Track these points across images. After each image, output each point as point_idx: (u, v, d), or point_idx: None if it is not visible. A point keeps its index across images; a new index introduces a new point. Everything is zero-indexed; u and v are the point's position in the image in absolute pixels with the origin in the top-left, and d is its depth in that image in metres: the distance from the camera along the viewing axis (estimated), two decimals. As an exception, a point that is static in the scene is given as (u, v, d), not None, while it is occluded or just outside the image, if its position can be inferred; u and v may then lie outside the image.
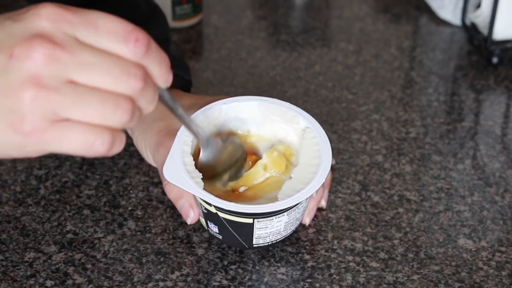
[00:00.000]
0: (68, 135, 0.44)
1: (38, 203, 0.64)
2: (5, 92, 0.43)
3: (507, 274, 0.59)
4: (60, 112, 0.44)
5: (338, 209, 0.65)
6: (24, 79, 0.43)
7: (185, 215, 0.60)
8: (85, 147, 0.45)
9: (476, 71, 0.85)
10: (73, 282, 0.57)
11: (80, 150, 0.45)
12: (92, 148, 0.45)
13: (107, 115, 0.44)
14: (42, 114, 0.43)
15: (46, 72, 0.43)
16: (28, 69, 0.43)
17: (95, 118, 0.44)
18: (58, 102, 0.43)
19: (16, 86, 0.43)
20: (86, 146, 0.44)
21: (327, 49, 0.89)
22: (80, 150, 0.45)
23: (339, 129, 0.75)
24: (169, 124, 0.62)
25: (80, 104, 0.44)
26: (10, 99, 0.43)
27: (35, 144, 0.44)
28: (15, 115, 0.43)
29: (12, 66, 0.43)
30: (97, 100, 0.44)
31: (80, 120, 0.44)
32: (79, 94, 0.44)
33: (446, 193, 0.67)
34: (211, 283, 0.58)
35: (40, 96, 0.43)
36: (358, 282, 0.58)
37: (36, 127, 0.43)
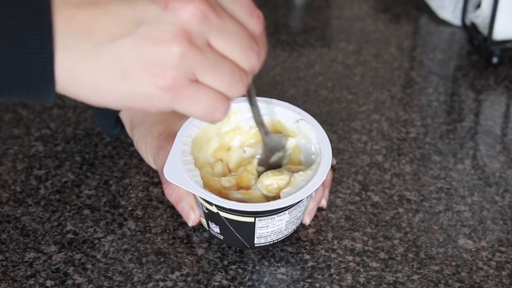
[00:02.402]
0: (200, 97, 0.44)
1: (38, 203, 0.64)
2: (152, 43, 0.43)
3: (507, 274, 0.59)
4: (198, 72, 0.44)
5: (338, 209, 0.65)
6: (176, 32, 0.43)
7: (186, 218, 0.60)
8: (209, 112, 0.45)
9: (476, 71, 0.85)
10: (73, 282, 0.57)
11: (204, 114, 0.45)
12: (214, 113, 0.45)
13: (232, 85, 0.45)
14: (185, 71, 0.43)
15: (197, 30, 0.43)
16: (182, 23, 0.43)
17: (223, 86, 0.45)
18: (200, 62, 0.43)
19: (167, 38, 0.42)
20: (210, 110, 0.45)
21: (327, 49, 0.89)
22: (204, 114, 0.45)
23: (339, 129, 0.75)
24: (168, 127, 0.62)
25: (215, 70, 0.44)
26: (157, 50, 0.43)
27: (166, 100, 0.44)
28: (159, 67, 0.43)
29: (165, 17, 0.43)
30: (228, 69, 0.45)
31: (209, 85, 0.45)
32: (216, 59, 0.44)
33: (446, 193, 0.67)
34: (211, 283, 0.58)
35: (189, 53, 0.43)
36: (358, 282, 0.58)
37: (176, 83, 0.43)
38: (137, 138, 0.65)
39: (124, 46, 0.43)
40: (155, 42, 0.43)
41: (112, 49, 0.43)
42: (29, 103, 0.76)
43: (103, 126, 0.70)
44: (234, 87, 0.45)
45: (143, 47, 0.43)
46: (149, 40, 0.43)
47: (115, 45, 0.43)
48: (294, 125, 0.61)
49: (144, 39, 0.43)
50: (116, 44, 0.43)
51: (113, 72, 0.43)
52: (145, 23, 0.43)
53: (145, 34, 0.43)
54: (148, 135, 0.63)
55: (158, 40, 0.43)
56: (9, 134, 0.72)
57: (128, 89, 0.44)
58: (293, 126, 0.62)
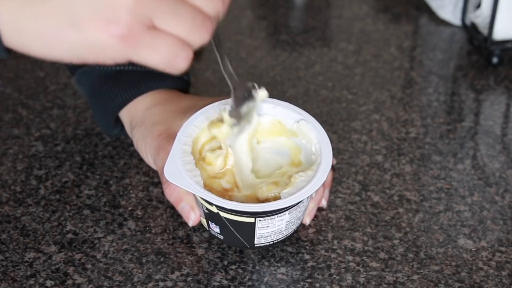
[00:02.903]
0: (158, 44, 0.42)
1: (38, 203, 0.64)
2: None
3: (507, 274, 0.59)
4: (156, 19, 0.41)
5: (338, 209, 0.65)
6: None
7: (186, 218, 0.60)
8: (169, 59, 0.43)
9: (476, 71, 0.85)
10: (73, 282, 0.57)
11: (164, 62, 0.43)
12: (174, 61, 0.43)
13: (194, 31, 0.43)
14: (140, 17, 0.40)
15: None
16: None
17: (183, 32, 0.42)
18: (157, 7, 0.41)
19: None
20: (171, 58, 0.43)
21: (327, 49, 0.89)
22: (164, 62, 0.43)
23: (339, 129, 0.75)
24: (168, 127, 0.62)
25: (174, 14, 0.42)
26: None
27: (121, 49, 0.41)
28: (112, 12, 0.40)
29: None
30: (189, 14, 0.42)
31: (169, 31, 0.42)
32: (175, 3, 0.42)
33: (446, 193, 0.67)
34: (211, 283, 0.58)
35: None
36: (358, 282, 0.58)
37: (132, 30, 0.40)
38: (137, 138, 0.64)
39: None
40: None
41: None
42: (29, 104, 0.76)
43: (102, 126, 0.70)
44: (196, 32, 0.43)
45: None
46: None
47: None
48: (294, 125, 0.61)
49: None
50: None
51: (61, 19, 0.40)
52: None
53: None
54: (148, 135, 0.63)
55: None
56: (9, 134, 0.72)
57: (79, 38, 0.41)
58: (294, 126, 0.61)
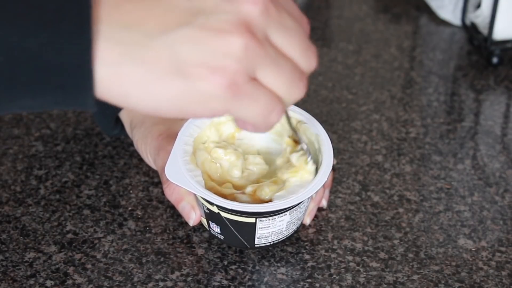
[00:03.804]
0: (259, 97, 0.40)
1: (38, 203, 0.64)
2: (212, 34, 0.38)
3: (507, 274, 0.59)
4: (258, 68, 0.39)
5: (338, 209, 0.65)
6: (238, 22, 0.38)
7: (187, 217, 0.60)
8: (266, 114, 0.41)
9: (476, 71, 0.85)
10: (73, 282, 0.57)
11: (261, 116, 0.41)
12: (270, 115, 0.41)
13: (292, 86, 0.41)
14: (247, 65, 0.39)
15: (258, 22, 0.39)
16: (243, 13, 0.39)
17: (282, 86, 0.41)
18: (262, 57, 0.39)
19: (228, 28, 0.38)
20: (268, 111, 0.41)
21: (327, 49, 0.89)
22: (261, 116, 0.41)
23: (339, 129, 0.75)
24: (168, 128, 0.62)
25: (276, 68, 0.40)
26: (219, 41, 0.38)
27: (225, 99, 0.39)
28: (219, 60, 0.38)
29: (225, 7, 0.39)
30: (289, 69, 0.41)
31: (269, 85, 0.40)
32: (277, 56, 0.40)
33: (446, 193, 0.67)
34: (211, 283, 0.58)
35: (251, 45, 0.38)
36: (358, 282, 0.58)
37: (237, 80, 0.38)
38: (137, 138, 0.64)
39: (179, 37, 0.38)
40: (215, 33, 0.38)
41: (166, 40, 0.38)
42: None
43: (102, 127, 0.70)
44: (294, 88, 0.41)
45: (201, 38, 0.38)
46: (208, 30, 0.38)
47: (169, 36, 0.38)
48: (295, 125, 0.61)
49: (202, 30, 0.38)
50: (170, 35, 0.38)
51: (166, 67, 0.38)
52: (203, 13, 0.38)
53: (204, 24, 0.38)
54: (148, 135, 0.63)
55: (219, 31, 0.38)
56: (9, 134, 0.72)
57: (184, 87, 0.39)
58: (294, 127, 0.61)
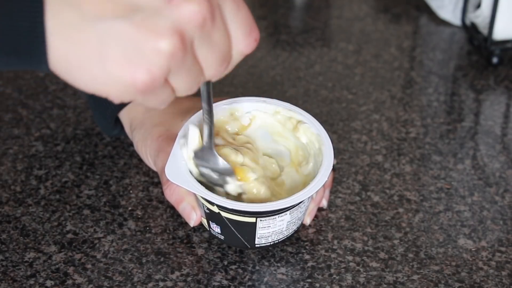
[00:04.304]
0: (161, 95, 0.43)
1: (38, 203, 0.64)
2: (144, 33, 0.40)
3: (507, 274, 0.59)
4: (173, 74, 0.42)
5: (338, 209, 0.65)
6: (172, 29, 0.40)
7: (187, 218, 0.60)
8: (160, 104, 0.44)
9: (476, 71, 0.85)
10: (73, 282, 0.57)
11: (156, 106, 0.45)
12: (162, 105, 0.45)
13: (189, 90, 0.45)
14: (165, 69, 0.41)
15: (191, 32, 0.41)
16: (181, 21, 0.41)
17: (182, 90, 0.44)
18: (181, 64, 0.42)
19: (160, 31, 0.40)
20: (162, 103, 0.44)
21: (327, 49, 0.89)
22: (156, 106, 0.45)
23: (339, 129, 0.75)
24: (168, 129, 0.62)
25: (187, 74, 0.43)
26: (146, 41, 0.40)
27: (135, 93, 0.42)
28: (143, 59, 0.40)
29: (165, 11, 0.40)
30: (195, 75, 0.44)
31: (173, 85, 0.44)
32: (191, 64, 0.43)
33: (446, 193, 0.67)
34: (211, 283, 0.58)
35: (177, 53, 0.41)
36: (358, 282, 0.58)
37: (154, 82, 0.41)
38: (137, 140, 0.64)
39: (111, 27, 0.40)
40: (148, 32, 0.40)
41: (98, 26, 0.40)
42: (29, 104, 0.76)
43: (102, 127, 0.70)
44: (190, 91, 0.45)
45: (131, 34, 0.40)
46: (140, 28, 0.40)
47: (102, 24, 0.40)
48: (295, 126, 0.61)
49: (136, 27, 0.40)
50: (104, 23, 0.40)
51: (91, 52, 0.41)
52: (143, 11, 0.41)
53: (138, 22, 0.40)
54: (148, 137, 0.63)
55: (151, 31, 0.40)
56: (9, 134, 0.72)
57: (102, 74, 0.41)
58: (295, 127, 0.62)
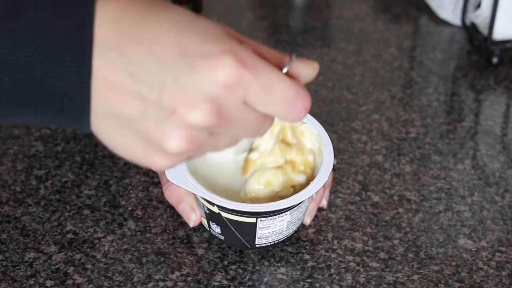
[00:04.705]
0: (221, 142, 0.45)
1: (38, 203, 0.64)
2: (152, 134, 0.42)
3: (507, 274, 0.59)
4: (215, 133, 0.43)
5: (338, 209, 0.65)
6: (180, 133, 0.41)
7: (187, 218, 0.60)
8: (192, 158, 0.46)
9: (476, 71, 0.85)
10: (73, 282, 0.57)
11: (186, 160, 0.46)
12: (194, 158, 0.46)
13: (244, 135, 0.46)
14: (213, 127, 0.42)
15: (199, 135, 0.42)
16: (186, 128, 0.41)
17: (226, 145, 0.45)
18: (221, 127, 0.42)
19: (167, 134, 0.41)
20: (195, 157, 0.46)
21: (327, 49, 0.89)
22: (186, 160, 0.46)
23: (339, 129, 0.75)
24: None
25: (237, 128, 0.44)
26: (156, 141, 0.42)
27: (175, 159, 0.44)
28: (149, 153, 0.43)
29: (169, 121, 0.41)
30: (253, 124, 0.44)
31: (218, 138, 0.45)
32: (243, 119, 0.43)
33: (446, 193, 0.67)
34: (211, 283, 0.58)
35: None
36: (358, 282, 0.58)
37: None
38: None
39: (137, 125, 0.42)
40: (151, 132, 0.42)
41: None
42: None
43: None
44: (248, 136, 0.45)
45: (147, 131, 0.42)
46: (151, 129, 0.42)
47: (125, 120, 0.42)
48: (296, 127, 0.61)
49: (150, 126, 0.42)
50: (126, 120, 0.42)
51: None
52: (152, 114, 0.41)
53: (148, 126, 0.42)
54: None
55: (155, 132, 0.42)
56: (9, 134, 0.72)
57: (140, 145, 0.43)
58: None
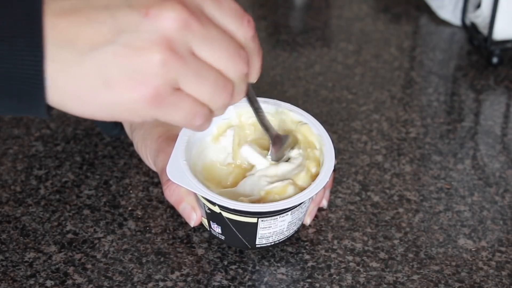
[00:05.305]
0: (181, 105, 0.44)
1: (38, 203, 0.64)
2: (134, 52, 0.42)
3: (507, 274, 0.59)
4: (181, 81, 0.43)
5: (338, 209, 0.65)
6: (157, 40, 0.42)
7: (187, 218, 0.60)
8: (189, 120, 0.45)
9: (476, 71, 0.85)
10: (73, 282, 0.57)
11: (184, 122, 0.45)
12: (193, 120, 0.45)
13: (215, 95, 0.45)
14: (167, 79, 0.43)
15: (178, 38, 0.42)
16: (162, 31, 0.42)
17: (205, 95, 0.45)
18: (182, 70, 0.43)
19: (147, 46, 0.42)
20: (190, 118, 0.45)
21: (327, 49, 0.89)
22: (184, 122, 0.45)
23: (339, 129, 0.75)
24: (168, 129, 0.62)
25: (198, 78, 0.44)
26: (138, 59, 0.42)
27: (149, 109, 0.43)
28: (141, 75, 0.42)
29: (146, 25, 0.42)
30: (212, 78, 0.44)
31: (192, 94, 0.44)
32: (199, 68, 0.44)
33: (446, 193, 0.67)
34: (211, 283, 0.58)
35: (170, 61, 0.42)
36: (358, 282, 0.58)
37: (160, 92, 0.43)
38: (137, 141, 0.64)
39: (106, 54, 0.42)
40: (135, 50, 0.42)
41: (94, 57, 0.42)
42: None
43: (102, 127, 0.70)
44: (217, 96, 0.45)
45: (124, 56, 0.42)
46: (130, 48, 0.42)
47: (97, 54, 0.42)
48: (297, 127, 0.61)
49: (125, 48, 0.42)
50: (98, 53, 0.42)
51: (95, 81, 0.42)
52: (126, 31, 0.42)
53: (126, 42, 0.42)
54: (148, 137, 0.63)
55: (139, 48, 0.42)
56: (9, 134, 0.72)
57: (112, 98, 0.43)
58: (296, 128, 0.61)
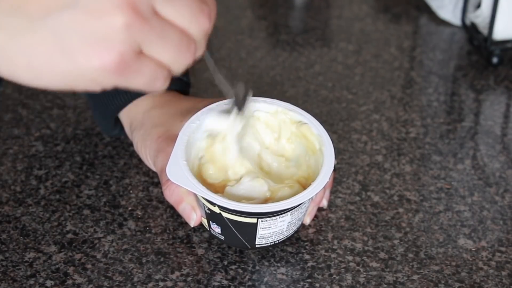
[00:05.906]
0: (144, 70, 0.41)
1: (38, 203, 0.64)
2: (93, 16, 0.39)
3: (507, 274, 0.59)
4: (145, 44, 0.40)
5: (338, 209, 0.65)
6: (118, 1, 0.39)
7: (187, 218, 0.60)
8: (150, 83, 0.42)
9: (476, 71, 0.85)
10: (73, 282, 0.57)
11: (146, 85, 0.42)
12: (154, 84, 0.42)
13: (179, 57, 0.42)
14: (131, 43, 0.40)
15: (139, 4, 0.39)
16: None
17: (168, 57, 0.42)
18: (147, 33, 0.40)
19: (108, 8, 0.39)
20: (151, 81, 0.42)
21: (327, 49, 0.89)
22: (146, 85, 0.42)
23: (339, 129, 0.75)
24: (167, 129, 0.62)
25: (162, 40, 0.41)
26: (99, 23, 0.39)
27: (112, 76, 0.40)
28: (103, 41, 0.39)
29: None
30: (176, 39, 0.42)
31: (154, 57, 0.41)
32: (163, 29, 0.41)
33: (446, 193, 0.67)
34: (211, 283, 0.58)
35: (134, 24, 0.39)
36: (358, 282, 0.58)
37: (124, 58, 0.40)
38: (137, 141, 0.64)
39: (62, 20, 0.39)
40: (97, 14, 0.39)
41: (49, 24, 0.39)
42: (29, 104, 0.76)
43: (102, 127, 0.70)
44: (180, 58, 0.42)
45: (84, 21, 0.39)
46: (90, 12, 0.39)
47: (51, 20, 0.39)
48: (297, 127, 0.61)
49: (85, 12, 0.39)
50: (52, 18, 0.39)
51: (51, 50, 0.39)
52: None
53: (86, 6, 0.39)
54: (148, 138, 0.63)
55: (100, 12, 0.39)
56: (9, 134, 0.72)
57: (70, 68, 0.40)
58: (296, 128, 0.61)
